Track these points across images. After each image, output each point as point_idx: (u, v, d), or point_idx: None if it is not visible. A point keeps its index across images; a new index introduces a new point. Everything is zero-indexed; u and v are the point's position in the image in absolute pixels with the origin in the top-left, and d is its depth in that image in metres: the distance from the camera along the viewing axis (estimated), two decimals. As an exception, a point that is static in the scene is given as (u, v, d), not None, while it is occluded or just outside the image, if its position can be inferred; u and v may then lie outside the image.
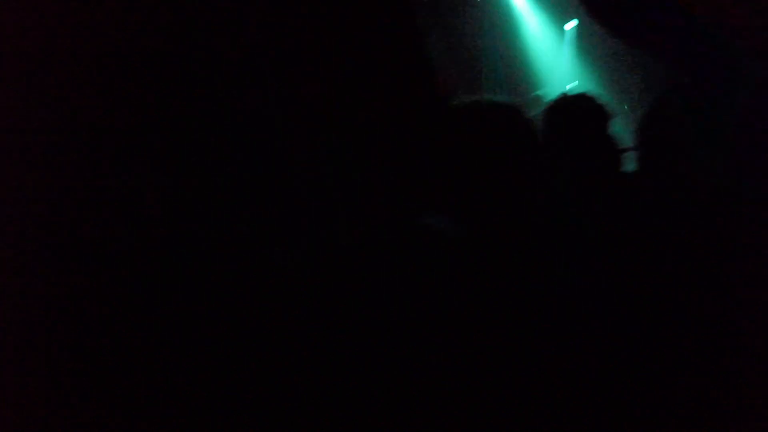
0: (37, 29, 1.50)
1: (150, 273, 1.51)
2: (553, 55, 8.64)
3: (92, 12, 1.54)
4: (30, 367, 1.45)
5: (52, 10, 1.51)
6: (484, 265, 1.43)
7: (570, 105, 2.40)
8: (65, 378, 1.45)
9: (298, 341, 1.47)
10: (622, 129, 2.38)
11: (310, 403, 1.41)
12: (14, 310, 1.45)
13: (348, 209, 1.77)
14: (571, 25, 8.55)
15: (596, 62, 7.93)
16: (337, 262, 1.61)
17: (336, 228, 1.74)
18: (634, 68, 6.95)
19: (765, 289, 1.42)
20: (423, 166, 1.69)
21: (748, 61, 1.61)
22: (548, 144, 2.26)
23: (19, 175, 1.48)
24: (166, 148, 1.62)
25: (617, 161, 2.25)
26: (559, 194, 1.79)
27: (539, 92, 7.53)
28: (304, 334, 1.48)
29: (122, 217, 1.55)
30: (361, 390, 1.39)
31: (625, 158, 2.24)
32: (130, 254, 1.52)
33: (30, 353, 1.45)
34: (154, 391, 1.45)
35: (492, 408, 1.34)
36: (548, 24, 8.76)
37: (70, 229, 1.50)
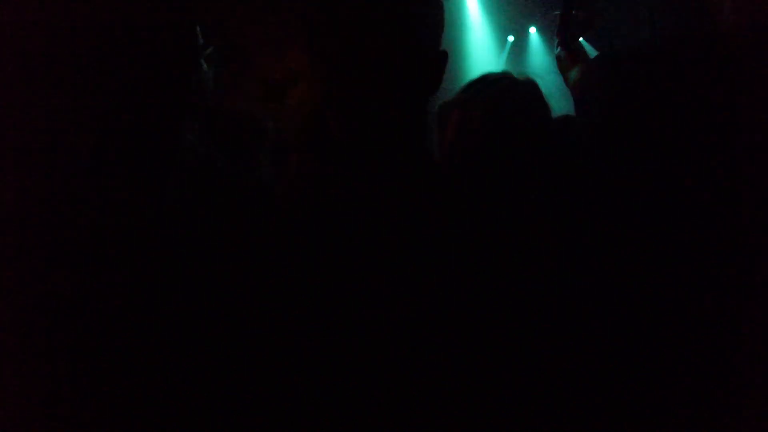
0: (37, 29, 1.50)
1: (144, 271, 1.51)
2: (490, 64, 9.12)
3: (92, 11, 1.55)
4: (30, 366, 1.45)
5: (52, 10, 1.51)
6: None
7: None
8: (65, 378, 1.46)
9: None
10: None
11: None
12: (14, 310, 1.45)
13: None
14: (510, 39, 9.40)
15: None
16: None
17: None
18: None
19: (765, 288, 1.42)
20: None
21: None
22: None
23: (18, 174, 1.48)
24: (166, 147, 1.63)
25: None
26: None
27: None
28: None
29: (120, 217, 1.55)
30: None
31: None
32: (128, 254, 1.53)
33: (30, 353, 1.45)
34: (154, 391, 1.45)
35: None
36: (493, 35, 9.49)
37: (70, 229, 1.51)
